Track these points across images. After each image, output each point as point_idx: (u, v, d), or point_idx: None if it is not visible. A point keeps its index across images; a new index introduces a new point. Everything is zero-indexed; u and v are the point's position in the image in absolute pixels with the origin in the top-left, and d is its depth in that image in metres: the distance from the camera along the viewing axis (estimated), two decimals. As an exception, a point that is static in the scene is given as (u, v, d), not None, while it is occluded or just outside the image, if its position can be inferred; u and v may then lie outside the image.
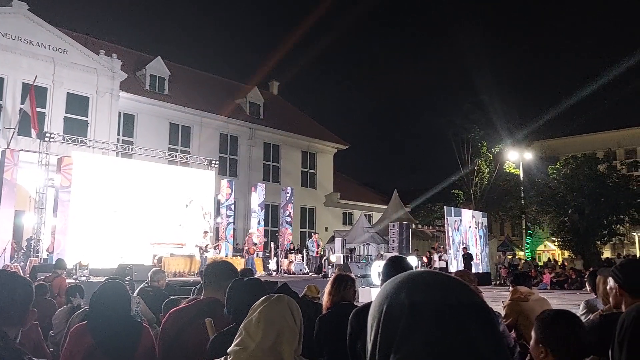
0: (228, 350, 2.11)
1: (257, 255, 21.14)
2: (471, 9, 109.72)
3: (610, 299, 2.87)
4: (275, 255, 22.45)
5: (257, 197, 23.50)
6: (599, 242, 33.32)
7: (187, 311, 3.08)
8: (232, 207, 23.24)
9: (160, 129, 27.42)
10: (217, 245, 20.28)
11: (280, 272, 20.99)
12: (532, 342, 2.22)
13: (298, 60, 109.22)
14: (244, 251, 20.22)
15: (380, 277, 3.43)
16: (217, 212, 22.99)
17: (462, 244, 25.82)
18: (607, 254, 39.17)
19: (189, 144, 28.62)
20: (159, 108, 27.33)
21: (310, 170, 35.01)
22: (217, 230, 22.72)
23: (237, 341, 2.11)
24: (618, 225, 32.51)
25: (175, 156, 23.71)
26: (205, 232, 18.65)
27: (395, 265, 3.21)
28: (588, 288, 5.75)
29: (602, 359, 2.13)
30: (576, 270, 26.81)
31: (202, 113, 28.88)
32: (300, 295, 5.78)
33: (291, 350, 2.00)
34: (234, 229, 23.93)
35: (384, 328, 0.86)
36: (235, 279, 2.89)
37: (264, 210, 24.22)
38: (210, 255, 18.09)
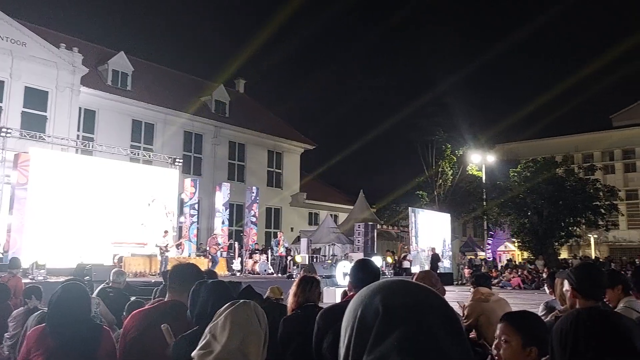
0: (192, 354, 2.08)
1: (221, 256, 20.92)
2: (436, 14, 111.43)
3: (566, 300, 3.00)
4: (240, 255, 22.27)
5: (222, 196, 23.26)
6: (556, 244, 34.29)
7: (150, 314, 3.02)
8: (196, 206, 22.93)
9: (122, 125, 26.83)
10: (180, 244, 19.97)
11: (245, 273, 20.83)
12: (513, 348, 2.18)
13: (265, 58, 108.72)
14: (207, 251, 19.99)
15: (349, 280, 3.41)
16: (181, 211, 22.66)
17: (426, 245, 26.17)
18: (564, 254, 40.36)
19: (152, 141, 28.10)
20: (121, 104, 26.75)
21: (277, 170, 34.88)
22: (180, 229, 22.39)
23: (201, 344, 2.08)
24: (575, 227, 33.52)
25: (138, 154, 23.23)
26: (166, 232, 18.33)
27: (362, 268, 3.23)
28: (547, 290, 5.91)
29: None
30: (535, 271, 27.55)
31: (166, 110, 28.39)
32: (264, 297, 5.74)
33: (257, 353, 2.01)
34: (197, 229, 23.63)
35: (358, 332, 0.90)
36: (199, 281, 2.85)
37: (228, 210, 23.99)
38: (172, 254, 17.82)
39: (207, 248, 19.96)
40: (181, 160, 23.50)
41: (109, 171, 19.67)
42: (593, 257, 36.46)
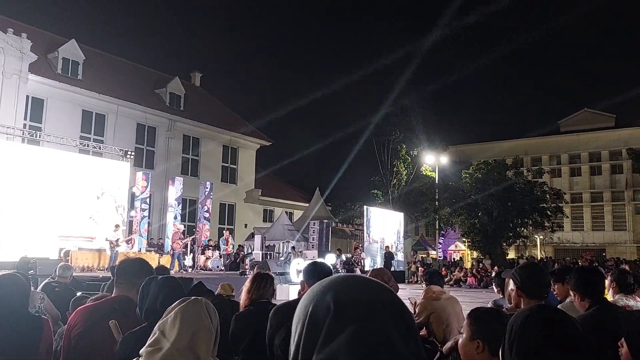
0: (140, 351, 2.05)
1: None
2: (392, 16, 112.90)
3: (512, 298, 3.08)
4: (192, 251, 21.93)
5: (175, 191, 22.82)
6: (504, 244, 35.38)
7: (97, 310, 2.93)
8: (148, 200, 22.42)
9: (72, 115, 25.93)
10: (130, 239, 19.52)
11: (197, 269, 20.55)
12: (463, 339, 2.24)
13: (222, 52, 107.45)
14: (170, 247, 19.65)
15: (302, 279, 3.41)
16: (131, 206, 22.11)
17: (380, 243, 26.51)
18: (512, 254, 41.73)
19: (103, 132, 27.28)
20: (71, 93, 25.84)
21: (231, 166, 34.51)
22: (130, 224, 21.86)
23: (150, 341, 2.06)
24: (522, 228, 34.66)
25: (88, 145, 22.51)
26: (117, 226, 17.89)
27: (315, 269, 3.26)
28: (495, 288, 6.08)
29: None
30: (484, 270, 28.32)
31: (118, 101, 27.60)
32: (215, 294, 5.68)
33: (207, 351, 1.97)
34: (148, 223, 23.12)
35: (309, 329, 0.88)
36: (149, 276, 2.79)
37: (181, 205, 23.56)
38: (122, 249, 17.41)
39: (171, 244, 19.64)
40: (133, 153, 22.89)
41: (57, 162, 18.96)
42: (539, 258, 37.82)
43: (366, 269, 22.23)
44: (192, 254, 21.52)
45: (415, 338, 0.90)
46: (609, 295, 3.68)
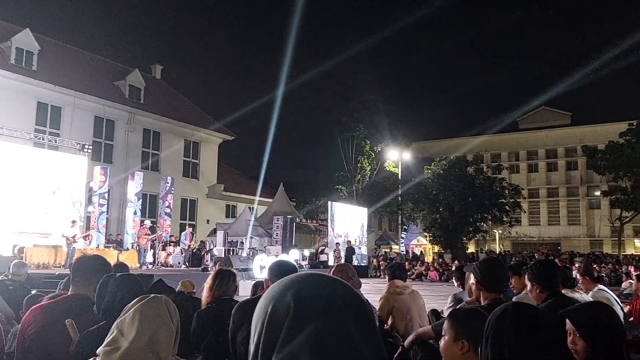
0: (97, 351, 2.00)
1: (132, 247, 20.18)
2: (353, 11, 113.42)
3: (473, 292, 3.20)
4: (153, 247, 21.53)
5: (134, 185, 22.33)
6: (465, 238, 36.13)
7: (52, 308, 2.85)
8: (106, 195, 21.87)
9: (26, 107, 25.02)
10: (88, 235, 19.03)
11: (157, 265, 20.21)
12: (446, 341, 2.24)
13: (185, 43, 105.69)
14: (135, 242, 19.21)
15: (267, 277, 3.40)
16: (89, 201, 21.53)
17: (344, 238, 26.64)
18: (471, 248, 42.66)
19: (59, 125, 26.44)
20: (25, 84, 24.94)
21: (193, 160, 34.02)
22: (88, 219, 21.30)
23: (108, 340, 2.01)
24: (482, 223, 35.45)
25: (43, 138, 21.78)
26: (74, 222, 17.40)
27: (279, 269, 3.22)
28: (455, 282, 6.18)
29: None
30: (445, 264, 28.85)
31: (74, 93, 26.78)
32: (176, 291, 5.59)
33: (168, 349, 1.94)
34: (107, 219, 22.58)
35: (268, 328, 0.86)
36: (106, 274, 2.73)
37: (141, 200, 23.08)
38: (79, 246, 16.96)
39: (137, 239, 19.18)
40: (90, 147, 22.27)
41: (10, 156, 18.27)
42: (497, 252, 38.78)
43: (330, 264, 22.30)
44: (152, 250, 21.15)
45: (376, 334, 0.89)
46: None
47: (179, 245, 22.78)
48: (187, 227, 24.51)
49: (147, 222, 20.67)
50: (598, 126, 49.59)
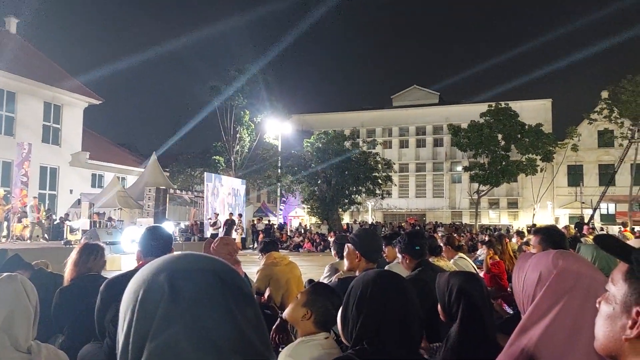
0: None
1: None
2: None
3: (349, 262, 3.36)
4: (6, 219, 19.37)
5: (-16, 151, 19.84)
6: (340, 210, 37.19)
7: None
8: (-52, 161, 19.20)
9: None
10: None
11: (12, 239, 18.25)
12: (296, 302, 2.36)
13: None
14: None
15: (138, 248, 3.21)
16: None
17: (222, 211, 26.05)
18: (346, 219, 44.17)
19: None
20: None
21: (54, 125, 31.02)
22: None
23: None
24: (357, 195, 36.70)
25: None
26: None
27: (153, 235, 3.17)
28: (332, 252, 6.19)
29: None
30: (321, 235, 29.47)
31: None
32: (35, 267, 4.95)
33: (27, 332, 1.85)
34: (-51, 188, 19.86)
35: (140, 315, 0.80)
36: None
37: (-8, 167, 20.61)
38: None
39: None
40: None
41: None
42: (369, 222, 40.50)
43: (206, 236, 21.69)
44: (6, 222, 19.02)
45: (255, 308, 0.86)
46: None
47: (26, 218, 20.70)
48: (33, 198, 22.18)
49: (1, 191, 18.56)
50: (462, 106, 53.41)
